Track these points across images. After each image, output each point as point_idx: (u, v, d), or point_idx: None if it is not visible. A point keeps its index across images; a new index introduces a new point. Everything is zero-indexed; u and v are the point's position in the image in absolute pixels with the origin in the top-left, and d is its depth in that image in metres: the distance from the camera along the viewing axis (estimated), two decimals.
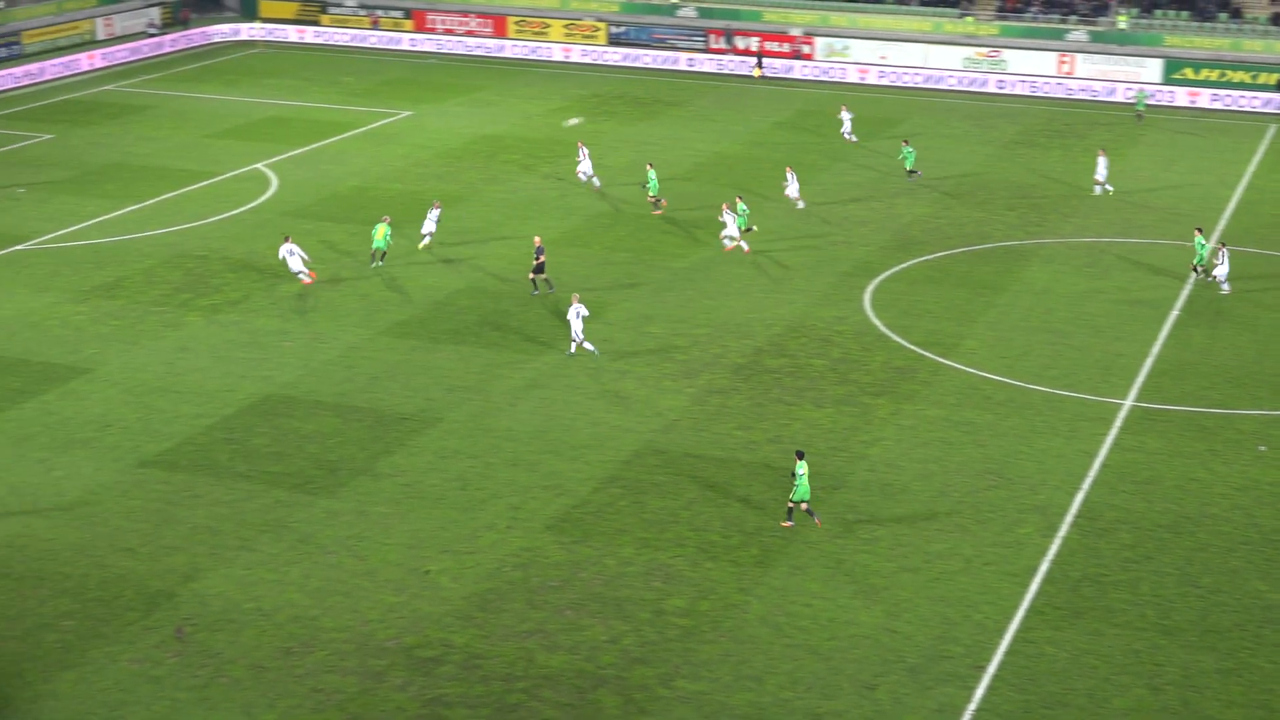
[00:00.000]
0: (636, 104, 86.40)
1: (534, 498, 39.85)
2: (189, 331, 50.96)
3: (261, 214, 64.13)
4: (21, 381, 46.71)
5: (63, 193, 67.07)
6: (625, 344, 50.16)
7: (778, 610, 34.78)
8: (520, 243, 60.05)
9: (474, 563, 36.60)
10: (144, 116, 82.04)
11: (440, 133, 78.81)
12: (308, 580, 35.74)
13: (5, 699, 31.19)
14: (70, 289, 54.81)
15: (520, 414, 44.84)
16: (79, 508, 39.07)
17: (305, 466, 41.44)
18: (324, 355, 48.99)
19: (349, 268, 57.16)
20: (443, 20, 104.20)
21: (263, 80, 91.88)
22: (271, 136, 77.56)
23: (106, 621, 33.94)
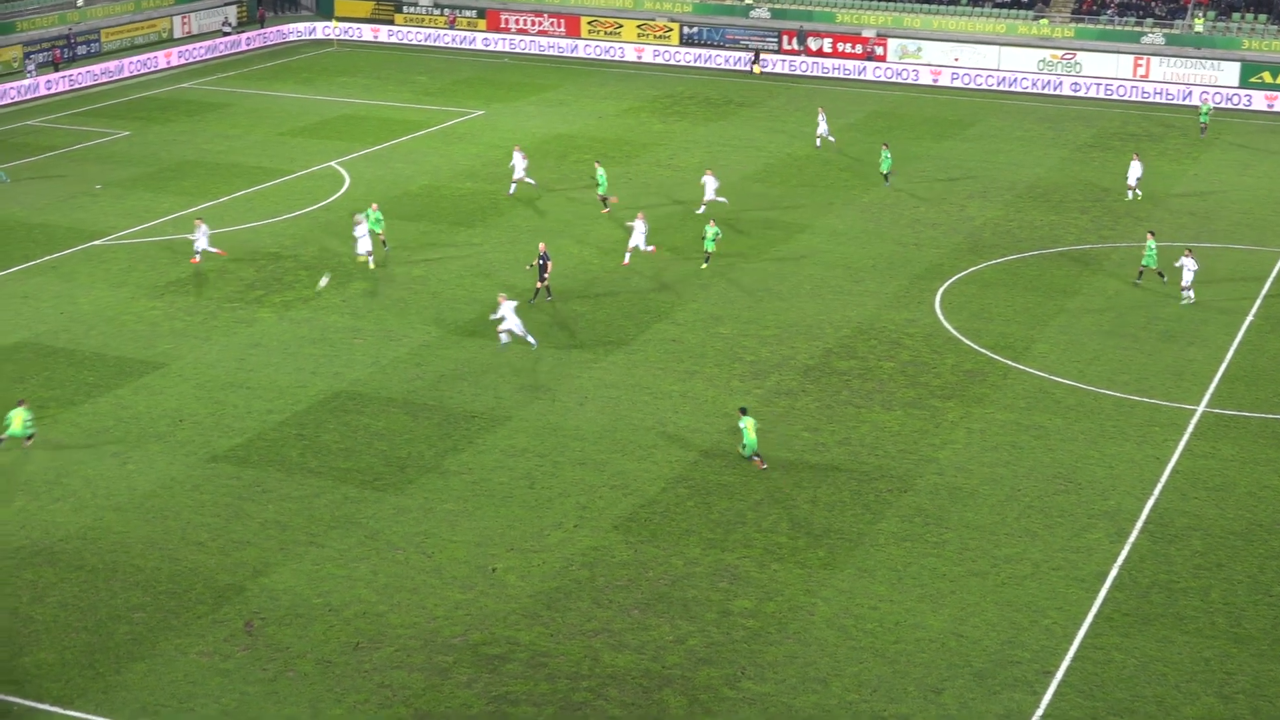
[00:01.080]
0: (708, 104, 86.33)
1: (601, 497, 39.88)
2: (261, 328, 51.34)
3: (334, 212, 64.52)
4: (96, 376, 47.21)
5: (139, 189, 67.74)
6: (694, 345, 50.12)
7: (844, 613, 34.64)
8: (592, 243, 60.13)
9: (541, 561, 36.66)
10: (220, 114, 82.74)
11: (512, 132, 79.01)
12: (376, 576, 35.91)
13: (78, 689, 31.52)
14: (145, 284, 55.35)
15: (588, 413, 44.88)
16: (151, 501, 39.42)
17: (374, 463, 41.65)
18: (394, 353, 49.22)
19: (420, 265, 57.40)
20: (516, 20, 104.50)
21: (337, 79, 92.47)
22: (345, 134, 78.05)
23: (177, 614, 34.24)
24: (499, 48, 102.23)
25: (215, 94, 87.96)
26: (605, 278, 56.24)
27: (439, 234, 61.48)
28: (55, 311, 52.46)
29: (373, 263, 56.74)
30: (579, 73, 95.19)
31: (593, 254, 58.88)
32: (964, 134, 79.46)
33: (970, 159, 74.17)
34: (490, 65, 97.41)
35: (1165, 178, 70.71)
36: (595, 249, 59.53)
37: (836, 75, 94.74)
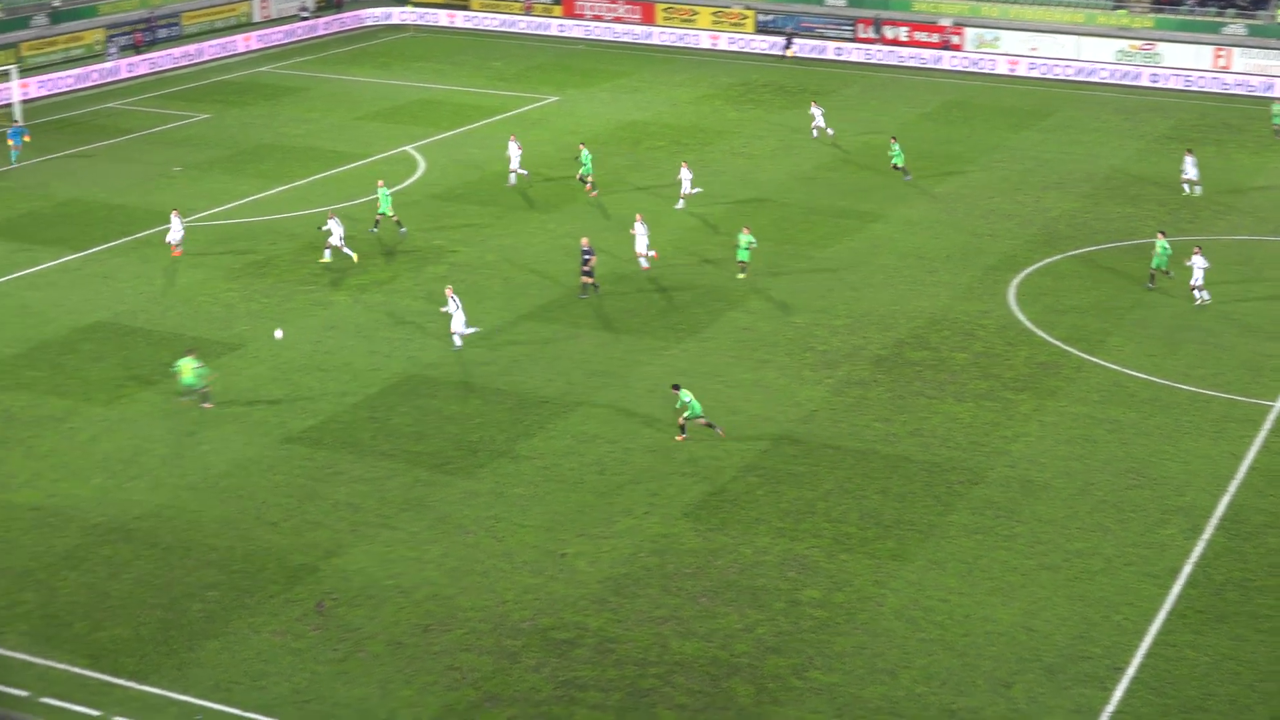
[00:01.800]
0: (782, 92, 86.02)
1: (671, 484, 39.87)
2: (336, 311, 51.64)
3: (409, 196, 64.78)
4: (174, 356, 47.58)
5: (217, 171, 68.27)
6: (766, 333, 50.00)
7: (913, 604, 34.49)
8: (665, 230, 60.09)
9: (610, 547, 36.71)
10: (297, 98, 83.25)
11: (587, 118, 79.06)
12: (446, 559, 36.07)
13: (152, 665, 31.85)
14: (222, 266, 55.79)
15: (660, 400, 44.86)
16: (226, 481, 39.76)
17: (446, 447, 41.82)
18: (467, 337, 49.33)
19: (493, 250, 57.54)
20: (591, 6, 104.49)
21: (413, 64, 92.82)
22: (420, 119, 78.34)
23: (250, 593, 34.52)
24: (574, 34, 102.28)
25: (293, 78, 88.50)
26: (677, 265, 56.18)
27: (512, 219, 61.60)
28: (134, 292, 52.98)
29: (344, 254, 56.35)
30: (653, 60, 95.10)
31: (666, 240, 58.81)
32: (1040, 124, 78.81)
33: (1046, 150, 73.54)
34: (565, 51, 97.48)
35: (1246, 171, 69.84)
36: (667, 236, 59.46)
37: (912, 64, 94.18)
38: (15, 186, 65.50)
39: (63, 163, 69.75)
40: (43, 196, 64.19)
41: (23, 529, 37.12)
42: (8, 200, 63.45)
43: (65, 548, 36.32)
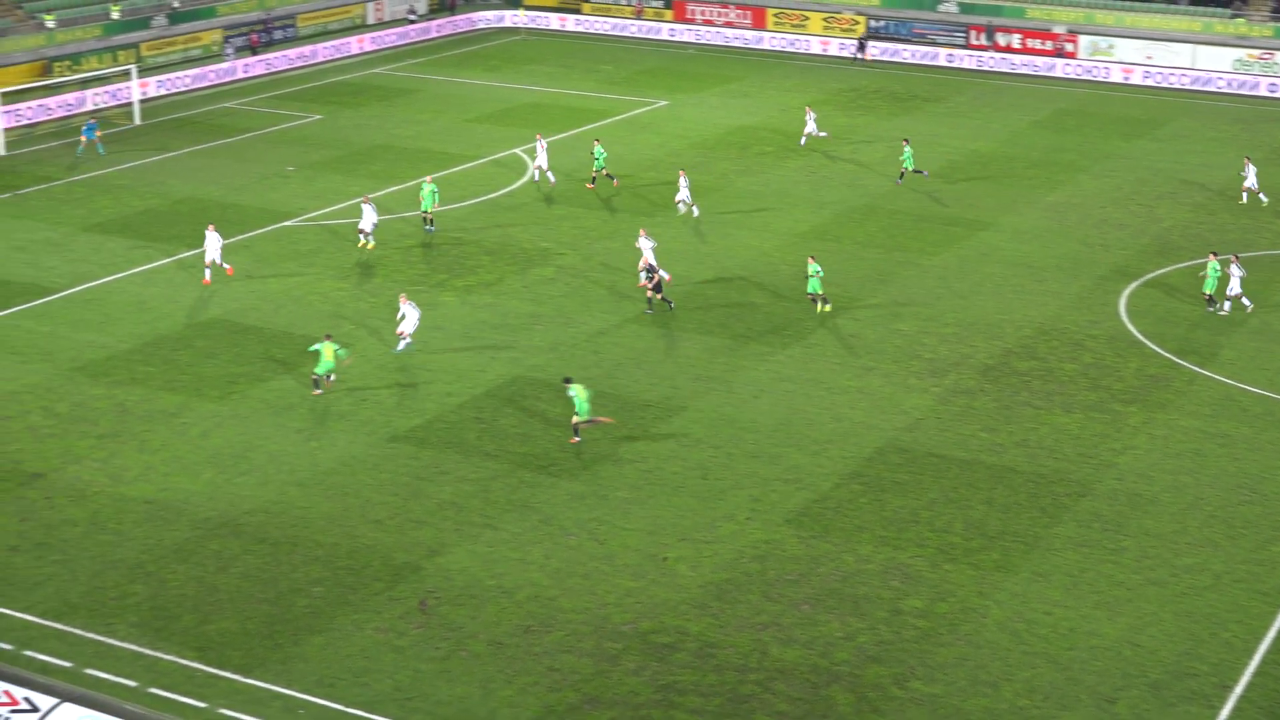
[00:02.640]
0: (893, 99, 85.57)
1: (774, 490, 39.78)
2: (443, 311, 52.00)
3: (517, 198, 65.12)
4: (285, 353, 48.20)
5: (329, 171, 68.99)
6: (873, 340, 49.75)
7: (1017, 617, 34.16)
8: (772, 235, 60.00)
9: (712, 552, 36.68)
10: (409, 100, 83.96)
11: (695, 123, 79.07)
12: (548, 561, 36.21)
13: (258, 659, 32.24)
14: (332, 265, 56.37)
15: (763, 406, 44.78)
16: (332, 478, 40.17)
17: (550, 449, 41.98)
18: (572, 340, 49.55)
19: (599, 254, 57.71)
20: (702, 11, 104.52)
21: (524, 66, 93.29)
22: (530, 122, 78.70)
23: (354, 590, 34.85)
24: (684, 38, 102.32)
25: (405, 80, 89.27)
26: (784, 270, 56.04)
27: (619, 222, 61.74)
28: (246, 290, 53.66)
29: (370, 243, 57.44)
30: (763, 65, 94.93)
31: (772, 246, 58.71)
32: (1155, 134, 77.81)
33: (1160, 159, 72.60)
34: (675, 56, 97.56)
35: None
36: (774, 241, 59.36)
37: (1024, 71, 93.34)
38: (133, 184, 66.58)
39: (180, 161, 70.82)
40: (160, 194, 65.20)
41: (135, 522, 37.73)
42: (125, 198, 64.51)
43: (175, 541, 36.87)
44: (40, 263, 56.26)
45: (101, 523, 37.68)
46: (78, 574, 35.33)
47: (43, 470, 40.35)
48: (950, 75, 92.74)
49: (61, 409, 44.12)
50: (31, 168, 69.34)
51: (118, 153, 71.83)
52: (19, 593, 34.47)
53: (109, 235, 59.52)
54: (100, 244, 58.43)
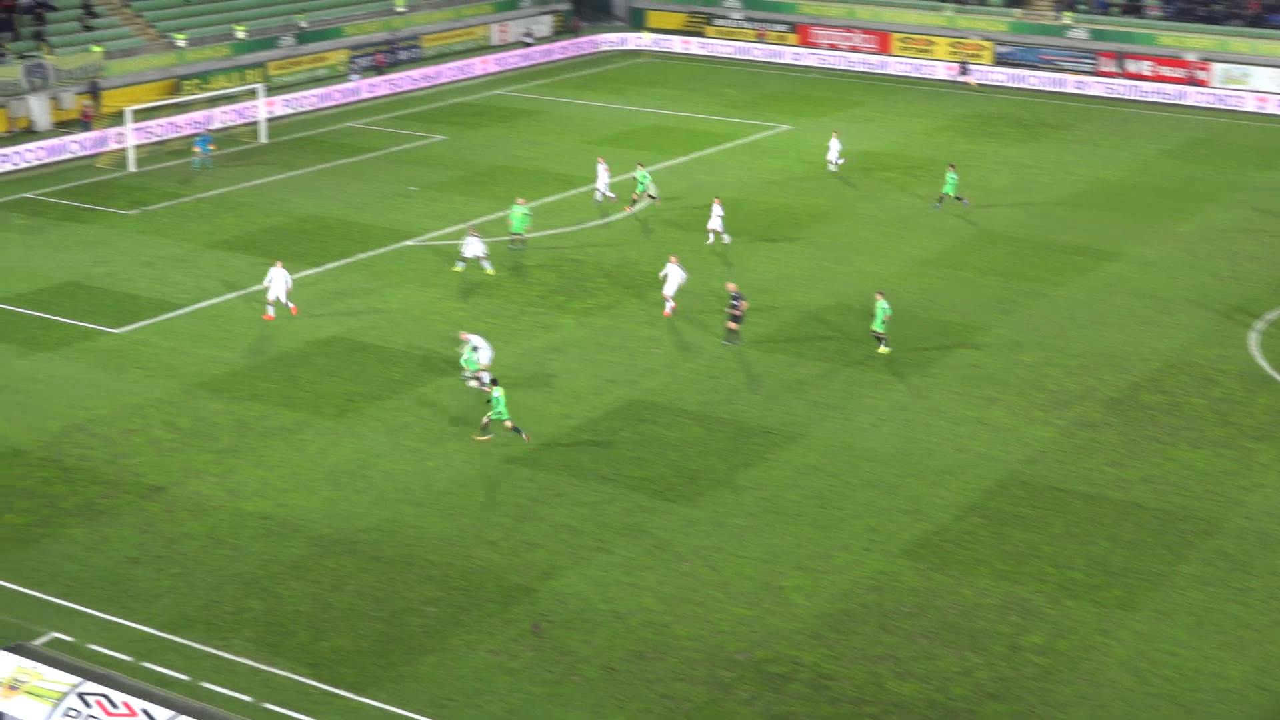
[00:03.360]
0: (1019, 125, 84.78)
1: (892, 520, 39.43)
2: (561, 333, 52.17)
3: (638, 220, 65.19)
4: (402, 372, 48.58)
5: (451, 192, 69.52)
6: (995, 371, 49.23)
7: (1140, 656, 33.55)
8: (892, 261, 59.64)
9: (828, 582, 36.41)
10: (531, 121, 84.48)
11: (818, 148, 78.75)
12: (662, 587, 36.12)
13: (371, 677, 32.44)
14: (452, 285, 56.77)
15: (883, 435, 44.44)
16: (447, 498, 40.38)
17: (666, 473, 41.92)
18: (691, 364, 49.50)
19: (719, 279, 57.60)
20: (827, 35, 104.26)
21: (646, 89, 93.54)
22: (651, 145, 78.86)
23: (468, 610, 34.97)
24: (808, 62, 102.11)
25: (528, 101, 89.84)
26: (905, 298, 55.62)
27: (740, 248, 61.65)
28: (366, 308, 54.18)
29: (488, 269, 57.35)
30: (888, 90, 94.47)
31: (891, 272, 58.32)
32: None
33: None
34: (799, 80, 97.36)
35: None
36: (894, 268, 58.97)
37: (1155, 99, 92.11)
38: (258, 202, 67.53)
39: (304, 179, 71.73)
40: (284, 212, 66.07)
41: (252, 537, 38.15)
42: (250, 215, 65.43)
43: (292, 557, 37.22)
44: (166, 278, 57.19)
45: (219, 537, 38.15)
46: (195, 587, 35.79)
47: (163, 483, 40.95)
48: (1078, 102, 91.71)
49: (183, 423, 44.78)
50: (159, 184, 70.57)
51: (243, 170, 72.89)
52: (138, 604, 34.97)
53: (233, 252, 60.39)
54: (224, 260, 59.30)
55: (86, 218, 65.02)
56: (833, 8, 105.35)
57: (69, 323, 52.63)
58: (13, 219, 64.72)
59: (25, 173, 72.46)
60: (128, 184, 70.77)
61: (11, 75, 78.37)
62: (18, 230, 63.10)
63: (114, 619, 34.39)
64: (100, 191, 69.43)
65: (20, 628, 33.79)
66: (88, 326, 52.28)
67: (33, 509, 39.46)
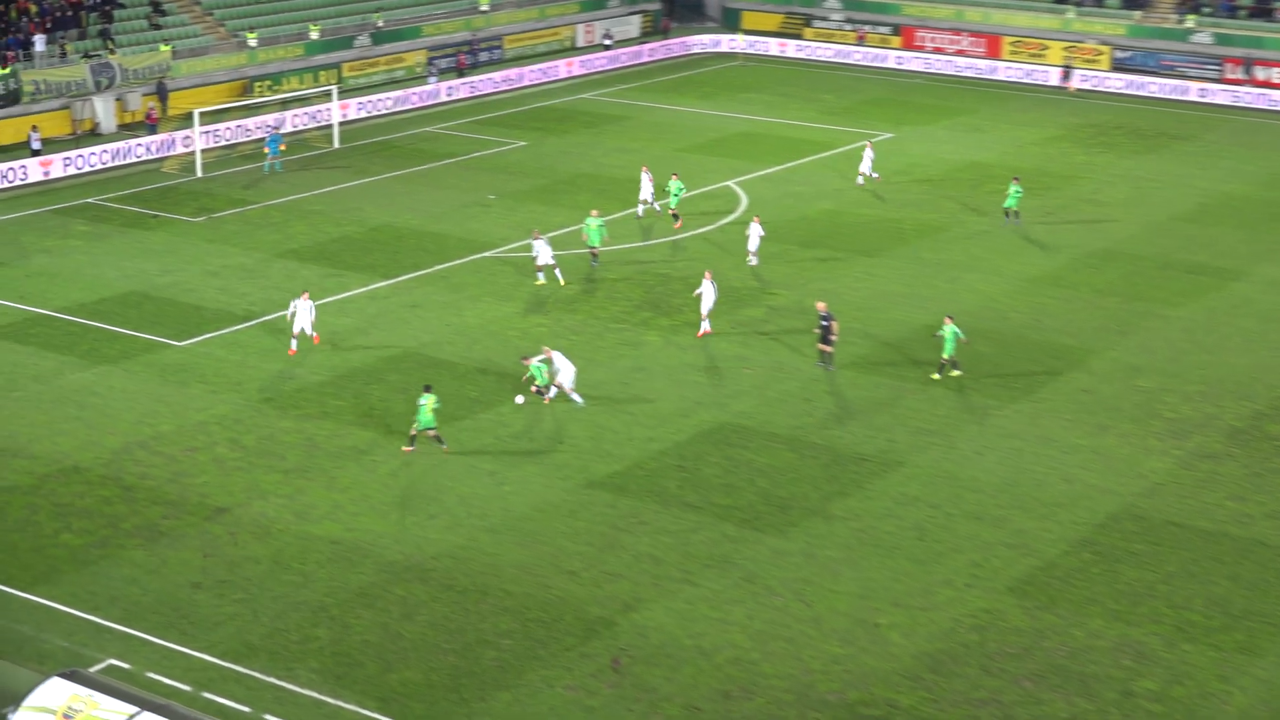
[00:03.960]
0: (1138, 135, 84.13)
1: (997, 555, 39.16)
2: (646, 351, 52.25)
3: (728, 234, 65.25)
4: (479, 391, 48.81)
5: (531, 201, 69.83)
6: (1109, 396, 48.82)
7: (1262, 704, 33.12)
8: (1002, 279, 59.32)
9: (927, 620, 36.21)
10: (618, 127, 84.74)
11: (922, 157, 78.55)
12: (750, 622, 36.05)
13: (442, 712, 32.56)
14: (532, 299, 56.99)
15: (988, 464, 44.17)
16: (525, 525, 40.51)
17: (755, 501, 41.87)
18: (783, 386, 49.42)
19: (814, 295, 57.50)
20: (933, 38, 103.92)
21: (739, 94, 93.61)
22: (744, 153, 78.90)
23: (545, 644, 35.05)
24: (912, 67, 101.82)
25: (614, 105, 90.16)
26: (1015, 318, 55.31)
27: (837, 263, 61.55)
28: (441, 323, 54.51)
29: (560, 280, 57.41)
30: (997, 96, 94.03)
31: (1001, 291, 58.01)
32: None
33: None
34: (901, 85, 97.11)
35: None
36: (1004, 286, 58.64)
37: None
38: (329, 210, 68.15)
39: (378, 186, 72.33)
40: (357, 221, 66.63)
41: (319, 562, 38.44)
42: (321, 224, 66.04)
43: (360, 584, 37.47)
44: (233, 289, 57.82)
45: (285, 562, 38.46)
46: (260, 614, 36.09)
47: (228, 504, 41.36)
48: (1201, 111, 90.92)
49: (249, 441, 45.22)
50: (227, 190, 71.40)
51: (314, 176, 73.60)
52: (199, 631, 35.32)
53: (303, 262, 60.97)
54: (294, 271, 59.87)
55: (151, 225, 65.87)
56: (939, 9, 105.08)
57: (132, 334, 53.33)
58: (74, 225, 65.68)
59: (89, 177, 73.56)
60: (194, 190, 71.67)
61: (77, 75, 79.64)
62: (81, 238, 64.02)
63: (174, 646, 34.75)
64: (166, 197, 70.36)
65: (76, 653, 34.23)
66: (151, 339, 52.95)
67: (91, 529, 39.98)
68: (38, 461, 43.71)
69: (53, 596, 36.59)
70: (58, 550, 38.87)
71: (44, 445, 44.75)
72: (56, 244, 63.21)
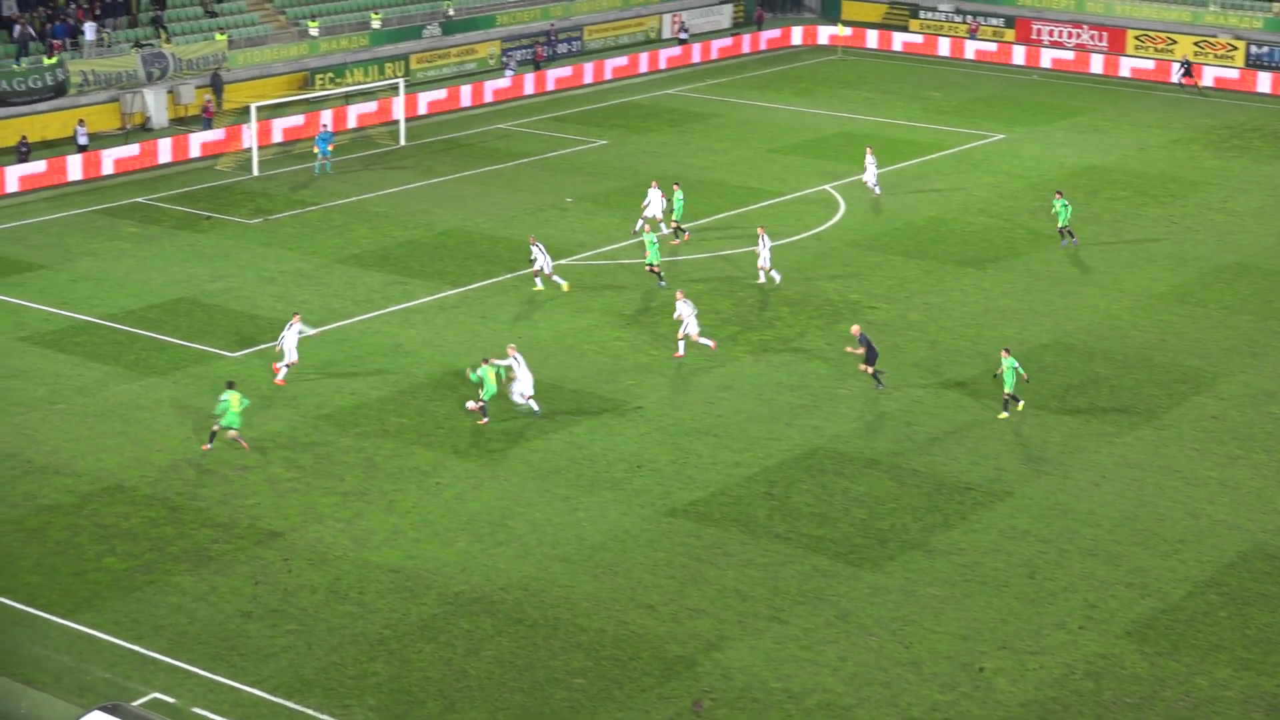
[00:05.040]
0: (1276, 138, 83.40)
1: (1114, 596, 38.93)
2: (734, 369, 52.29)
3: (825, 242, 65.23)
4: (553, 410, 48.94)
5: (611, 205, 70.03)
6: (1239, 424, 48.44)
7: None
8: (1123, 295, 58.98)
9: (1037, 664, 36.04)
10: (705, 125, 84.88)
11: (1037, 160, 78.22)
12: (843, 663, 36.00)
13: None
14: (611, 311, 57.18)
15: (1105, 496, 43.93)
16: (600, 555, 40.62)
17: (850, 533, 41.81)
18: (882, 407, 49.34)
19: (917, 309, 57.40)
20: (1050, 31, 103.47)
21: (839, 90, 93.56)
22: (843, 155, 78.81)
23: (620, 684, 35.13)
24: (1027, 62, 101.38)
25: (702, 102, 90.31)
26: (1136, 337, 55.00)
27: (943, 274, 61.39)
28: (513, 335, 54.73)
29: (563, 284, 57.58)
30: (1120, 95, 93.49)
31: (1122, 308, 57.69)
32: None
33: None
34: (1016, 82, 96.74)
35: None
36: (1125, 303, 58.31)
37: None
38: (394, 212, 68.64)
39: (446, 187, 72.80)
40: (424, 225, 67.07)
41: (379, 592, 38.69)
42: (385, 227, 66.52)
43: (422, 616, 37.69)
44: (290, 296, 58.32)
45: (342, 591, 38.75)
46: (314, 647, 36.38)
47: (282, 529, 41.72)
48: None
49: (305, 461, 45.61)
50: (285, 190, 72.07)
51: (378, 176, 74.17)
52: (250, 664, 35.63)
53: (365, 268, 61.45)
54: (356, 278, 60.35)
55: (204, 226, 66.58)
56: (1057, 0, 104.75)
57: (181, 344, 53.92)
58: (123, 226, 66.49)
59: (139, 175, 74.46)
60: (250, 189, 72.41)
61: (127, 65, 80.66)
62: (129, 240, 64.80)
63: (222, 679, 35.08)
64: (220, 197, 71.13)
65: (118, 685, 34.63)
66: (202, 349, 53.52)
67: (136, 553, 40.44)
68: (81, 479, 44.28)
69: (95, 624, 37.05)
70: (100, 575, 39.35)
71: (87, 462, 45.33)
72: (103, 246, 64.04)
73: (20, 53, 78.89)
